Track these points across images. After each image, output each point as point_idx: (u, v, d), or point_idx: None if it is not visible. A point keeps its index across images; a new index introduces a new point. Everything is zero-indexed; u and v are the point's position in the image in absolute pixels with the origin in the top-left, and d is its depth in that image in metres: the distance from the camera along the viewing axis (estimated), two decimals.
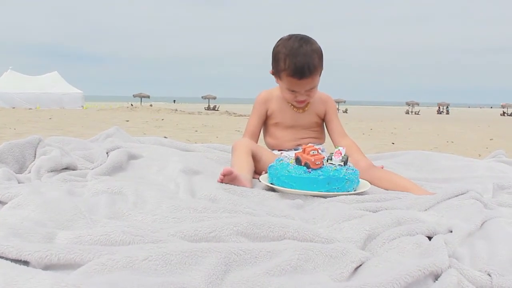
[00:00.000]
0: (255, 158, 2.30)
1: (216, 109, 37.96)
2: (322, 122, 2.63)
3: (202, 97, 47.69)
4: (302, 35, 2.41)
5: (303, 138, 2.55)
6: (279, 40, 2.44)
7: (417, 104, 54.19)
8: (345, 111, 42.88)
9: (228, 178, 2.00)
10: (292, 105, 2.54)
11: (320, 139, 2.62)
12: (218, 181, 2.01)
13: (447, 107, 49.84)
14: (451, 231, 1.53)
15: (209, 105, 42.24)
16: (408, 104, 53.95)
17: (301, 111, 2.56)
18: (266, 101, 2.60)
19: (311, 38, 2.40)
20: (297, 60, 2.30)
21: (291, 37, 2.40)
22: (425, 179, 2.51)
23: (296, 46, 2.33)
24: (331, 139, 2.60)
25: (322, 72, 2.43)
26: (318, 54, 2.36)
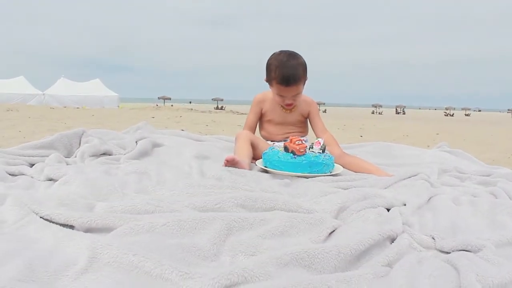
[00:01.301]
0: (253, 146, 2.30)
1: (223, 109, 37.90)
2: (305, 119, 2.62)
3: (212, 99, 47.54)
4: (291, 51, 2.40)
5: (290, 132, 2.54)
6: (272, 55, 2.42)
7: (381, 106, 54.11)
8: (324, 111, 42.79)
9: (231, 163, 1.99)
10: (281, 106, 2.53)
11: (304, 132, 2.61)
12: (223, 165, 2.00)
13: (403, 109, 49.82)
14: (405, 205, 1.53)
15: (217, 105, 42.14)
16: (373, 106, 53.88)
17: (288, 111, 2.55)
18: (261, 102, 2.59)
19: (297, 54, 2.39)
20: (285, 71, 2.28)
21: (281, 52, 2.39)
22: (386, 164, 2.51)
23: (285, 60, 2.32)
24: (314, 134, 2.60)
25: (307, 81, 2.42)
26: (302, 66, 2.34)
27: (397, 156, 2.83)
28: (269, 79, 2.40)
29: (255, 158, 2.30)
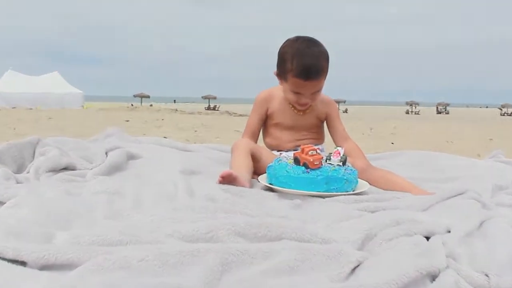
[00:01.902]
0: (254, 158, 2.30)
1: (216, 109, 37.94)
2: (322, 123, 2.63)
3: (202, 97, 47.66)
4: (309, 37, 2.41)
5: (302, 139, 2.54)
6: (285, 41, 2.43)
7: (417, 103, 54.14)
8: (345, 111, 42.89)
9: (227, 180, 2.00)
10: (293, 106, 2.53)
11: (319, 139, 2.62)
12: (217, 182, 2.00)
13: (446, 107, 49.84)
14: (449, 231, 1.53)
15: (209, 105, 42.22)
16: (408, 103, 53.93)
17: (301, 113, 2.55)
18: (267, 101, 2.59)
19: (318, 40, 2.40)
20: (305, 61, 2.30)
21: (298, 38, 2.40)
22: (424, 179, 2.50)
23: (304, 47, 2.33)
24: (334, 142, 2.60)
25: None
26: (325, 56, 2.36)
27: (438, 168, 2.82)
28: (282, 72, 2.41)
29: (257, 173, 2.31)
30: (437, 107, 50.44)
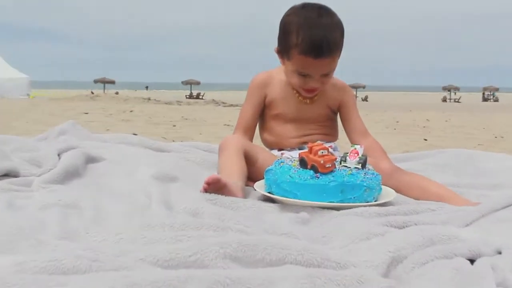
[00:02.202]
0: (249, 160, 2.30)
1: (200, 97, 37.98)
2: (334, 115, 2.63)
3: (182, 82, 47.71)
4: (320, 4, 2.41)
5: (309, 135, 2.55)
6: (290, 9, 2.43)
7: (457, 89, 54.28)
8: (365, 99, 43.00)
9: (214, 187, 1.99)
10: (297, 92, 2.53)
11: (332, 135, 2.62)
12: (201, 191, 2.00)
13: (493, 93, 49.92)
14: (500, 253, 1.53)
15: (191, 92, 42.28)
16: (445, 89, 54.04)
17: (308, 100, 2.55)
18: (264, 85, 2.59)
19: (330, 8, 2.40)
20: (314, 33, 2.29)
21: (305, 5, 2.40)
22: (466, 185, 2.51)
23: (314, 16, 2.33)
24: (349, 139, 2.60)
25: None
26: (340, 29, 2.37)
27: (485, 172, 2.83)
28: (284, 48, 2.41)
29: (252, 178, 2.30)
30: (483, 93, 50.63)
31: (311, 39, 2.29)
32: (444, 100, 45.92)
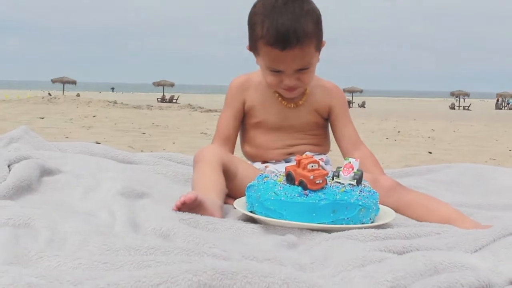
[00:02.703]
0: (227, 174, 2.30)
1: (174, 101, 37.97)
2: (324, 123, 2.63)
3: (153, 84, 47.71)
4: None
5: (296, 145, 2.55)
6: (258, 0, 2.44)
7: (467, 95, 54.66)
8: (362, 105, 43.20)
9: (189, 205, 1.99)
10: (279, 96, 2.54)
11: (323, 146, 2.63)
12: (173, 209, 2.00)
13: (508, 99, 50.25)
14: None
15: (163, 95, 42.27)
16: (454, 95, 54.42)
17: (293, 105, 2.56)
18: (242, 89, 2.60)
19: None
20: (280, 21, 2.30)
21: None
22: (476, 205, 2.52)
23: (280, 4, 2.33)
24: (340, 149, 2.61)
25: (324, 48, 2.44)
26: (312, 16, 2.36)
27: (497, 190, 2.84)
28: (252, 42, 2.42)
29: (232, 195, 2.31)
30: (497, 100, 50.99)
31: (277, 28, 2.30)
32: (452, 107, 46.22)
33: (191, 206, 1.99)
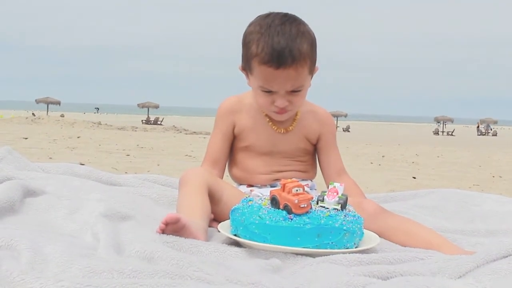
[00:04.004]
0: (212, 197, 2.30)
1: (159, 122, 37.95)
2: (313, 149, 2.64)
3: (138, 105, 47.69)
4: (287, 13, 2.44)
5: (283, 171, 2.55)
6: (254, 19, 2.46)
7: (451, 120, 54.94)
8: (346, 129, 43.35)
9: (173, 228, 1.98)
10: (270, 119, 2.54)
11: (309, 173, 2.63)
12: (157, 231, 1.99)
13: (489, 126, 50.50)
14: None
15: (148, 117, 42.24)
16: (437, 120, 54.67)
17: (283, 130, 2.56)
18: (233, 112, 2.60)
19: (299, 18, 2.43)
20: (276, 40, 2.31)
21: (270, 13, 2.43)
22: (459, 231, 2.53)
23: (276, 24, 2.35)
24: (323, 176, 2.61)
25: (316, 73, 2.45)
26: (307, 38, 2.38)
27: (481, 215, 2.85)
28: (246, 61, 2.43)
29: (216, 219, 2.30)
30: (478, 126, 51.22)
31: (272, 47, 2.31)
32: (436, 132, 46.46)
33: (175, 229, 1.98)
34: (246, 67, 2.45)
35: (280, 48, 2.30)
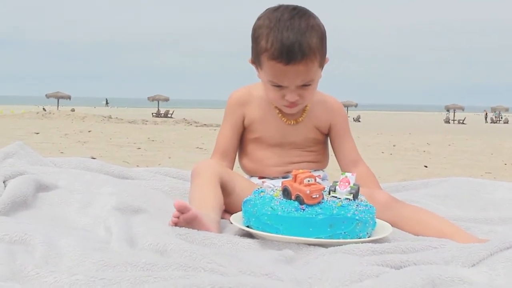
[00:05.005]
0: (225, 189, 2.29)
1: (169, 115, 37.96)
2: (324, 138, 2.63)
3: (148, 98, 47.75)
4: (296, 5, 2.42)
5: (295, 163, 2.54)
6: (263, 12, 2.44)
7: (462, 109, 54.70)
8: (357, 119, 43.25)
9: (185, 219, 1.98)
10: (280, 111, 2.53)
11: (321, 163, 2.63)
12: (170, 224, 1.99)
13: (500, 113, 50.25)
14: None
15: (158, 109, 42.27)
16: (448, 109, 54.46)
17: (293, 122, 2.55)
18: (242, 104, 2.59)
19: (309, 11, 2.41)
20: (286, 35, 2.30)
21: (280, 6, 2.41)
22: (472, 219, 2.52)
23: (286, 18, 2.34)
24: (340, 166, 2.60)
25: (327, 64, 2.45)
26: (317, 32, 2.37)
27: (494, 204, 2.84)
28: (256, 55, 2.42)
29: (229, 210, 2.30)
30: (485, 115, 50.95)
31: (282, 42, 2.30)
32: (447, 121, 46.28)
33: (187, 220, 1.99)
34: (256, 61, 2.44)
35: (290, 43, 2.29)
